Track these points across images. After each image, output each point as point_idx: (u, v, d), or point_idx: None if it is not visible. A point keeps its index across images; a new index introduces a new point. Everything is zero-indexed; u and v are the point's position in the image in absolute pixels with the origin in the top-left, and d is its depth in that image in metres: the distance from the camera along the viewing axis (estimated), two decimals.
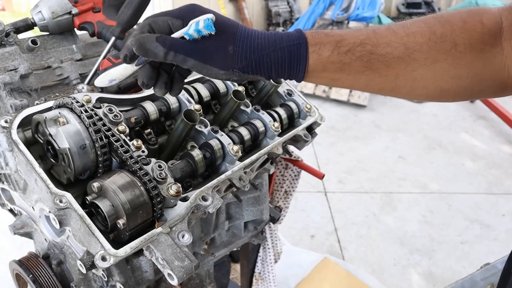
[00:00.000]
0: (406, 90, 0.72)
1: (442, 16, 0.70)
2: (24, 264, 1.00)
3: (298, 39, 0.68)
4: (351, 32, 0.69)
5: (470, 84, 0.71)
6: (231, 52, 0.66)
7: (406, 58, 0.68)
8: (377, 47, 0.68)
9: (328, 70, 0.70)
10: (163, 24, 0.68)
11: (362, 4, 5.35)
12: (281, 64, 0.68)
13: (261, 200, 1.32)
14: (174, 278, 0.77)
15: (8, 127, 0.86)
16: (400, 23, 0.71)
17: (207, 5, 4.60)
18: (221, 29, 0.67)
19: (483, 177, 3.52)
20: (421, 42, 0.68)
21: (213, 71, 0.68)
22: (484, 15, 0.69)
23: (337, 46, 0.68)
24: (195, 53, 0.66)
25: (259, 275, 1.61)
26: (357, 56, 0.68)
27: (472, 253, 2.69)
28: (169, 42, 0.66)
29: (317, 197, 3.23)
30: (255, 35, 0.68)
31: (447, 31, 0.68)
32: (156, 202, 0.83)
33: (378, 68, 0.69)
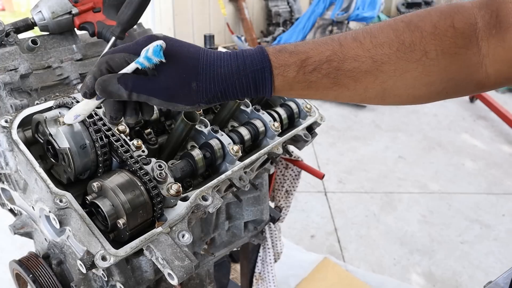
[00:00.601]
0: (377, 100, 0.71)
1: (411, 20, 0.67)
2: (24, 264, 1.00)
3: (261, 62, 0.66)
4: (317, 48, 0.67)
5: (444, 89, 0.69)
6: (194, 88, 0.65)
7: (374, 72, 0.66)
8: (343, 62, 0.66)
9: (294, 89, 0.69)
10: (120, 61, 0.66)
11: (362, 4, 5.35)
12: (246, 89, 0.67)
13: (261, 200, 1.32)
14: (174, 278, 0.77)
15: (8, 127, 0.86)
16: (368, 31, 0.68)
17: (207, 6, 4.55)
18: (180, 59, 0.65)
19: (483, 177, 3.52)
20: (389, 53, 0.66)
21: (178, 107, 0.67)
22: (456, 16, 0.66)
23: (302, 66, 0.66)
24: (158, 92, 0.65)
25: (259, 275, 1.61)
26: (323, 74, 0.67)
27: (472, 253, 2.69)
28: (130, 83, 0.64)
29: (317, 197, 3.23)
30: (218, 64, 0.66)
31: (417, 39, 0.65)
32: (156, 202, 0.83)
33: (346, 84, 0.68)
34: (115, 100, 0.68)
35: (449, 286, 2.46)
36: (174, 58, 0.65)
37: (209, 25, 5.84)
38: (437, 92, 0.70)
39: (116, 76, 0.65)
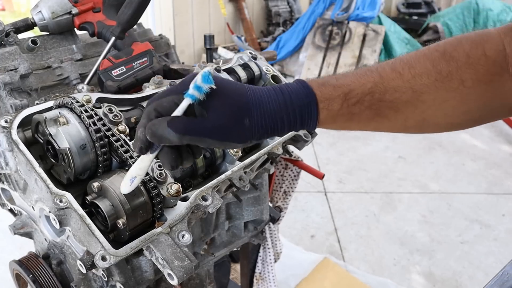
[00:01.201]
0: (416, 129, 0.73)
1: (445, 50, 0.68)
2: (24, 264, 1.00)
3: (307, 97, 0.67)
4: (358, 80, 0.68)
5: (480, 116, 0.71)
6: (247, 125, 0.64)
7: (414, 102, 0.67)
8: (385, 94, 0.67)
9: (338, 121, 0.70)
10: (169, 104, 0.63)
11: (362, 4, 5.35)
12: (293, 124, 0.67)
13: (261, 200, 1.32)
14: (174, 278, 0.77)
15: (8, 127, 0.86)
16: (405, 61, 0.69)
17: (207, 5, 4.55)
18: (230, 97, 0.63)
19: (483, 177, 3.52)
20: (428, 83, 0.67)
21: (231, 146, 0.65)
22: (486, 45, 0.67)
23: (346, 99, 0.67)
24: (211, 133, 0.62)
25: (260, 275, 1.61)
26: (366, 106, 0.68)
27: (472, 253, 2.69)
28: (181, 126, 0.61)
29: (317, 197, 3.23)
30: (266, 99, 0.65)
31: (453, 69, 0.66)
32: (156, 202, 0.83)
33: (387, 114, 0.69)
34: (169, 148, 0.65)
35: (449, 286, 2.46)
36: (223, 94, 0.63)
37: (209, 25, 5.83)
38: (474, 120, 0.72)
39: (165, 120, 0.61)
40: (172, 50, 1.44)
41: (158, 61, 1.15)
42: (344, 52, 5.27)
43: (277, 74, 1.19)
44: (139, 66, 1.11)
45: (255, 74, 1.19)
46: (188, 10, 5.50)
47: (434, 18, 6.27)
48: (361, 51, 5.21)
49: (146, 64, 1.12)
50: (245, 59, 1.23)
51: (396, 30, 5.49)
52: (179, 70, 1.23)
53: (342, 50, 5.29)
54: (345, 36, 5.31)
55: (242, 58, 1.24)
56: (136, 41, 1.17)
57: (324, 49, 5.37)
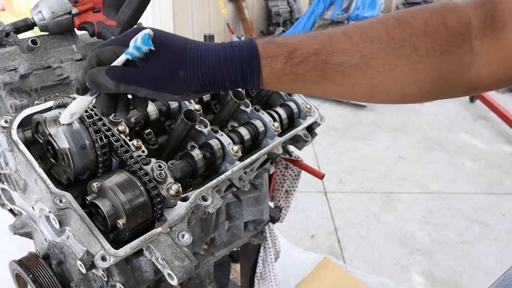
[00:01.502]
0: (366, 97, 0.71)
1: (402, 17, 0.67)
2: (24, 264, 1.00)
3: (249, 53, 0.66)
4: (306, 40, 0.67)
5: (435, 87, 0.68)
6: (182, 76, 0.65)
7: (363, 66, 0.65)
8: (331, 56, 0.66)
9: (282, 82, 0.68)
10: (110, 53, 0.66)
11: (362, 4, 5.35)
12: (234, 79, 0.67)
13: (261, 200, 1.32)
14: (174, 278, 0.77)
15: (8, 127, 0.86)
16: (358, 26, 0.68)
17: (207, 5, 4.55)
18: (168, 49, 0.66)
19: (483, 177, 3.52)
20: (378, 48, 0.65)
21: (167, 97, 0.67)
22: (449, 15, 0.65)
23: (290, 58, 0.66)
24: (146, 82, 0.65)
25: (260, 275, 1.61)
26: (311, 67, 0.66)
27: (472, 253, 2.69)
28: (118, 74, 0.64)
29: (317, 197, 3.23)
30: (205, 53, 0.66)
31: (407, 35, 0.64)
32: (156, 202, 0.83)
33: (333, 78, 0.67)
34: (107, 95, 0.68)
35: (449, 286, 2.46)
36: (162, 48, 0.65)
37: (209, 25, 5.84)
38: (428, 91, 0.68)
39: (104, 68, 0.65)
40: None
41: None
42: None
43: None
44: None
45: None
46: (188, 10, 5.50)
47: None
48: None
49: None
50: None
51: None
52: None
53: None
54: None
55: None
56: None
57: None
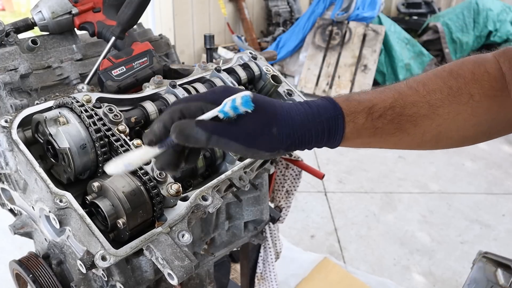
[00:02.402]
0: (432, 143, 0.76)
1: (451, 69, 0.75)
2: (24, 264, 1.00)
3: (334, 111, 0.69)
4: (379, 96, 0.72)
5: (489, 128, 0.76)
6: (275, 133, 0.65)
7: (431, 115, 0.72)
8: (405, 108, 0.71)
9: (362, 136, 0.72)
10: (196, 109, 0.64)
11: (362, 4, 5.35)
12: (321, 137, 0.69)
13: (261, 200, 1.32)
14: (174, 277, 0.77)
15: (8, 127, 0.86)
16: (419, 81, 0.74)
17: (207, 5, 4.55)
18: (261, 108, 0.65)
19: (483, 177, 3.52)
20: (442, 98, 0.72)
21: (258, 154, 0.66)
22: (487, 64, 0.74)
23: (370, 113, 0.70)
24: (239, 136, 0.63)
25: (261, 275, 1.61)
26: (388, 120, 0.71)
27: (472, 253, 2.69)
28: (210, 127, 0.62)
29: (317, 197, 3.23)
30: (294, 112, 0.67)
31: (461, 84, 0.72)
32: (156, 202, 0.83)
33: (407, 128, 0.72)
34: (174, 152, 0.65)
35: (449, 286, 2.46)
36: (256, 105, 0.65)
37: (209, 25, 5.83)
38: (483, 132, 0.76)
39: (194, 121, 0.62)
40: (172, 50, 1.44)
41: (158, 61, 1.15)
42: (344, 52, 5.27)
43: (277, 74, 1.19)
44: (139, 66, 1.11)
45: (255, 74, 1.19)
46: (188, 10, 5.50)
47: (434, 18, 6.27)
48: (361, 51, 5.21)
49: (146, 64, 1.12)
50: (245, 59, 1.23)
51: (396, 30, 5.49)
52: (179, 70, 1.23)
53: (342, 50, 5.29)
54: (345, 36, 5.31)
55: (242, 58, 1.24)
56: (136, 41, 1.17)
57: (324, 49, 5.37)
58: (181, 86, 1.06)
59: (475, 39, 5.73)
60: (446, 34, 5.75)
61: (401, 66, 5.24)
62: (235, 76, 1.16)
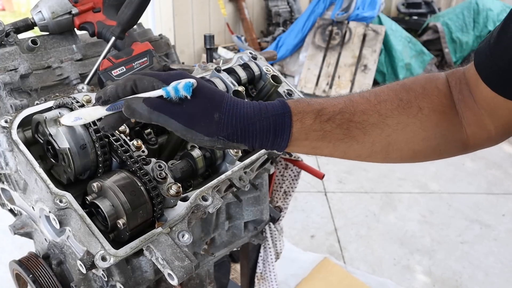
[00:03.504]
0: (382, 155, 0.76)
1: (405, 83, 0.76)
2: (24, 264, 1.00)
3: (282, 108, 0.70)
4: (330, 101, 0.73)
5: (438, 145, 0.76)
6: (216, 119, 0.66)
7: (380, 125, 0.73)
8: (354, 115, 0.72)
9: (310, 139, 0.72)
10: (148, 84, 0.68)
11: (362, 4, 5.35)
12: (266, 133, 0.69)
13: (261, 200, 1.32)
14: (174, 278, 0.77)
15: (8, 127, 0.85)
16: (372, 91, 0.76)
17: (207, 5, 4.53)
18: (207, 95, 0.68)
19: (483, 177, 3.52)
20: (392, 108, 0.73)
21: (197, 136, 0.67)
22: (437, 80, 0.76)
23: (319, 115, 0.71)
24: (180, 116, 0.66)
25: (261, 275, 1.61)
26: (337, 124, 0.71)
27: (472, 253, 2.69)
28: (154, 103, 0.66)
29: (317, 197, 3.23)
30: (241, 104, 0.69)
31: (412, 97, 0.74)
32: (156, 202, 0.83)
33: (356, 136, 0.73)
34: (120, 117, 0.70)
35: (449, 286, 2.47)
36: (201, 94, 0.67)
37: (209, 25, 5.83)
38: (433, 148, 0.76)
39: (142, 98, 0.66)
40: (172, 50, 1.44)
41: (158, 61, 1.15)
42: (344, 52, 5.27)
43: (277, 74, 1.19)
44: (139, 66, 1.11)
45: (255, 74, 1.19)
46: (188, 10, 5.50)
47: (434, 18, 6.27)
48: (361, 51, 5.21)
49: (146, 64, 1.12)
50: (245, 59, 1.23)
51: (398, 29, 5.49)
52: (179, 70, 1.23)
53: (342, 50, 5.29)
54: (345, 36, 5.31)
55: (242, 58, 1.24)
56: (136, 41, 1.17)
57: (324, 49, 5.37)
58: None
59: (475, 39, 5.73)
60: (446, 34, 5.75)
61: (401, 66, 5.24)
62: (235, 76, 1.16)
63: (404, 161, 0.79)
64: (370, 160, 0.78)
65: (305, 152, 0.75)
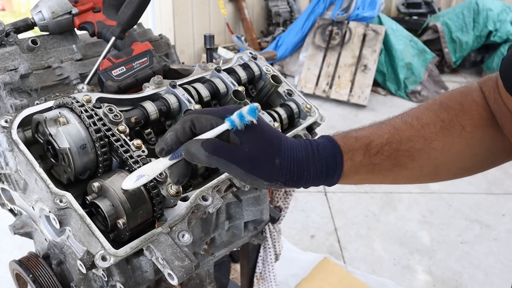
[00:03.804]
0: (430, 176, 0.77)
1: (442, 102, 0.75)
2: (24, 264, 1.00)
3: (333, 149, 0.70)
4: (376, 132, 0.73)
5: (485, 158, 0.76)
6: (277, 164, 0.65)
7: (427, 149, 0.72)
8: (401, 143, 0.72)
9: (360, 173, 0.72)
10: (206, 123, 0.65)
11: (362, 4, 5.35)
12: (319, 175, 0.69)
13: (261, 200, 1.32)
14: (174, 278, 0.77)
15: (8, 127, 0.85)
16: (412, 115, 0.75)
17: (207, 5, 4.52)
18: (267, 137, 0.65)
19: (483, 177, 3.52)
20: (436, 131, 0.72)
21: (257, 182, 0.65)
22: (473, 93, 0.75)
23: (367, 150, 0.71)
24: (241, 161, 0.63)
25: (260, 275, 1.61)
26: (386, 156, 0.72)
27: (472, 253, 2.69)
28: (212, 147, 0.62)
29: (317, 197, 3.23)
30: (297, 147, 0.67)
31: (453, 116, 0.73)
32: (156, 202, 0.83)
33: (404, 163, 0.73)
34: (187, 163, 0.67)
35: (449, 286, 2.47)
36: (261, 131, 0.65)
37: (209, 25, 5.83)
38: (480, 163, 0.77)
39: (200, 141, 0.64)
40: (172, 50, 1.44)
41: (158, 61, 1.15)
42: (344, 52, 5.27)
43: (277, 74, 1.19)
44: (139, 66, 1.11)
45: (255, 74, 1.19)
46: (188, 10, 5.50)
47: (434, 18, 6.27)
48: (361, 51, 5.22)
49: (146, 64, 1.12)
50: (245, 59, 1.23)
51: (398, 29, 5.49)
52: (179, 70, 1.23)
53: (342, 50, 5.29)
54: (345, 36, 5.31)
55: (242, 58, 1.24)
56: (136, 41, 1.17)
57: (324, 49, 5.37)
58: (181, 86, 1.06)
59: (475, 39, 5.73)
60: (446, 34, 5.75)
61: (402, 65, 5.24)
62: (235, 76, 1.16)
63: (452, 178, 0.80)
64: (418, 183, 0.78)
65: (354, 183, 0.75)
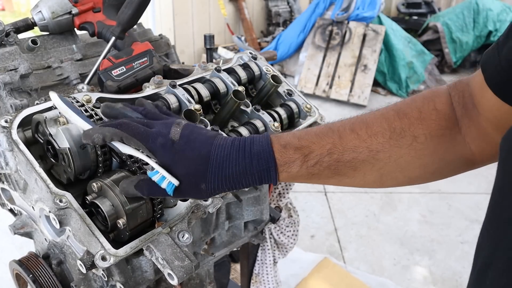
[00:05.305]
0: (376, 184, 0.75)
1: (400, 108, 0.72)
2: (24, 264, 1.00)
3: (267, 162, 0.69)
4: (318, 141, 0.71)
5: (437, 169, 0.73)
6: (203, 188, 0.69)
7: (371, 160, 0.70)
8: (343, 154, 0.70)
9: (298, 180, 0.73)
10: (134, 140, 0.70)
11: (362, 4, 5.35)
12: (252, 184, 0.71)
13: (261, 200, 1.32)
14: (174, 278, 0.77)
15: (8, 127, 0.85)
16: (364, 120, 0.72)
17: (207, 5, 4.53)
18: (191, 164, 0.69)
19: (483, 177, 3.52)
20: (383, 142, 0.70)
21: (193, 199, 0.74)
22: (437, 99, 0.71)
23: (305, 161, 0.70)
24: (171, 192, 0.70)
25: (256, 277, 1.61)
26: (325, 167, 0.70)
27: (472, 253, 2.67)
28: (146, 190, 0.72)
29: (317, 197, 3.23)
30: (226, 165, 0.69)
31: (405, 126, 0.70)
32: (156, 202, 0.83)
33: (345, 173, 0.71)
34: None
35: (449, 286, 2.46)
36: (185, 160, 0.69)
37: (209, 25, 5.84)
38: (431, 173, 0.74)
39: (133, 182, 0.73)
40: (172, 50, 1.44)
41: (158, 61, 1.15)
42: (344, 52, 5.27)
43: (277, 74, 1.19)
44: (139, 66, 1.11)
45: (255, 74, 1.19)
46: (188, 10, 5.50)
47: (434, 18, 6.27)
48: (361, 51, 5.22)
49: (146, 64, 1.12)
50: (245, 59, 1.23)
51: (397, 29, 5.50)
52: (179, 70, 1.23)
53: (342, 50, 5.29)
54: (345, 36, 5.31)
55: (242, 58, 1.24)
56: (136, 41, 1.17)
57: (324, 49, 5.37)
58: (181, 86, 1.06)
59: (475, 39, 5.73)
60: (446, 34, 5.75)
61: (403, 64, 5.24)
62: (235, 76, 1.16)
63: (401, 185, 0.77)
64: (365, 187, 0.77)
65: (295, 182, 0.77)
